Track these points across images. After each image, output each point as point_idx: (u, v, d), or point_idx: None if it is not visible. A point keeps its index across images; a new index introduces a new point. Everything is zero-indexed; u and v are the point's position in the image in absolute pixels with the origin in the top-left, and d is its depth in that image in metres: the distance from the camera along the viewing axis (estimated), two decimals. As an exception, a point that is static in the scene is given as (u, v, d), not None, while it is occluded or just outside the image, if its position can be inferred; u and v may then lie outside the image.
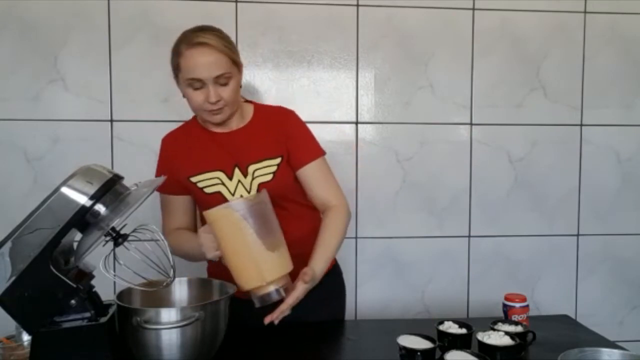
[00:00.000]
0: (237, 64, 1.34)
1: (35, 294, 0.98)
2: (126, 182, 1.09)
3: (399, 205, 2.02)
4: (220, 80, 1.29)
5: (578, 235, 2.11)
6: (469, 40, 2.00)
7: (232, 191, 1.36)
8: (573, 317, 1.78)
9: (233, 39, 1.87)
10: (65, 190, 0.99)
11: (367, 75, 1.98)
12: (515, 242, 2.09)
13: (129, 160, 1.87)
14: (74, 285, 1.00)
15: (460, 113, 2.02)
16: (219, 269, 1.29)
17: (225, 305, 1.13)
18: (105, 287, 1.14)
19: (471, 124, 2.03)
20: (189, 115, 1.88)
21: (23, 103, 1.83)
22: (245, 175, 1.37)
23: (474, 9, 1.99)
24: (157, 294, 1.16)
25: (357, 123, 1.99)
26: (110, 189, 1.02)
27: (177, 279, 1.16)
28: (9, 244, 0.97)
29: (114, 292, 1.13)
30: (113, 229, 1.01)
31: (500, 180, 2.06)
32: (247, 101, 1.48)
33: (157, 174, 1.45)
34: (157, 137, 1.87)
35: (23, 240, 0.97)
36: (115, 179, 1.04)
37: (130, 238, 1.06)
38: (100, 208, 1.01)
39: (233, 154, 1.39)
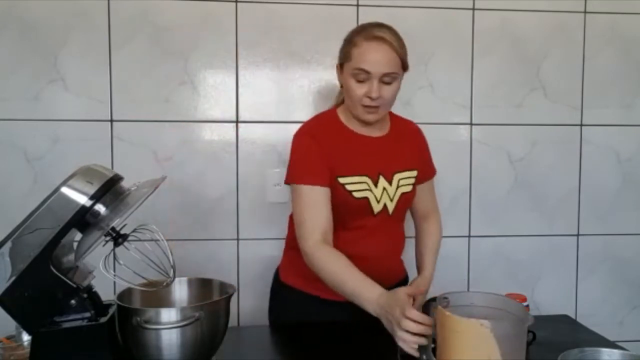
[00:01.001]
0: (404, 68, 1.37)
1: (35, 294, 0.99)
2: (126, 182, 1.09)
3: (399, 205, 2.02)
4: (386, 79, 1.30)
5: (578, 235, 2.11)
6: (469, 40, 2.00)
7: (378, 198, 1.37)
8: (573, 317, 1.78)
9: (233, 39, 1.89)
10: (65, 190, 0.99)
11: (367, 75, 1.97)
12: (515, 242, 2.09)
13: (129, 160, 1.87)
14: (74, 285, 1.01)
15: (460, 113, 2.02)
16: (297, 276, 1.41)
17: (226, 305, 1.13)
18: (105, 287, 1.14)
19: (471, 124, 2.03)
20: (189, 115, 1.90)
21: (23, 103, 1.83)
22: (390, 183, 1.38)
23: (474, 9, 1.99)
24: (157, 294, 1.16)
25: (357, 123, 1.99)
26: (110, 189, 1.02)
27: (177, 279, 1.17)
28: (9, 244, 0.97)
29: (114, 292, 1.13)
30: (113, 229, 1.01)
31: (500, 180, 2.06)
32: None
33: (305, 164, 1.33)
34: (157, 137, 1.89)
35: (23, 240, 0.97)
36: (115, 179, 1.04)
37: (130, 238, 1.06)
38: (100, 208, 1.01)
39: (378, 160, 1.39)
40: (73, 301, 1.01)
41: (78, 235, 1.05)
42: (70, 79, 1.84)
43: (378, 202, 1.37)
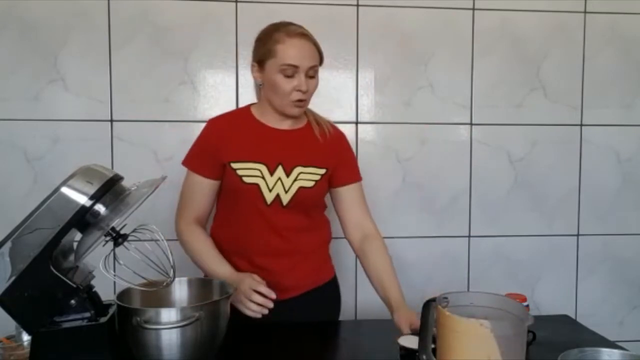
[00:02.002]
0: (322, 61, 1.43)
1: (35, 294, 0.98)
2: (126, 182, 1.09)
3: (398, 205, 2.02)
4: (310, 72, 1.37)
5: (578, 235, 2.11)
6: (469, 40, 2.00)
7: (271, 187, 1.37)
8: (573, 317, 1.78)
9: (233, 38, 1.89)
10: (65, 190, 0.99)
11: (367, 75, 1.97)
12: (515, 242, 2.09)
13: (129, 160, 1.87)
14: (74, 285, 1.00)
15: (460, 113, 2.02)
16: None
17: (225, 305, 1.13)
18: (105, 287, 1.14)
19: (471, 124, 2.03)
20: (189, 115, 1.90)
21: (23, 103, 1.83)
22: (287, 174, 1.39)
23: (474, 9, 1.99)
24: (157, 294, 1.16)
25: (357, 123, 1.99)
26: (110, 189, 1.02)
27: (177, 279, 1.16)
28: (9, 244, 0.97)
29: (114, 292, 1.13)
30: (113, 229, 1.01)
31: (500, 180, 2.06)
32: None
33: (194, 152, 1.44)
34: (157, 137, 1.89)
35: (23, 240, 0.97)
36: (115, 179, 1.04)
37: (130, 238, 1.06)
38: (100, 208, 1.01)
39: (280, 151, 1.40)
40: (73, 301, 1.01)
41: (78, 235, 1.05)
42: (70, 79, 1.84)
43: (270, 190, 1.37)
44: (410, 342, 1.15)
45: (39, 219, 0.98)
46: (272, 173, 1.38)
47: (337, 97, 1.97)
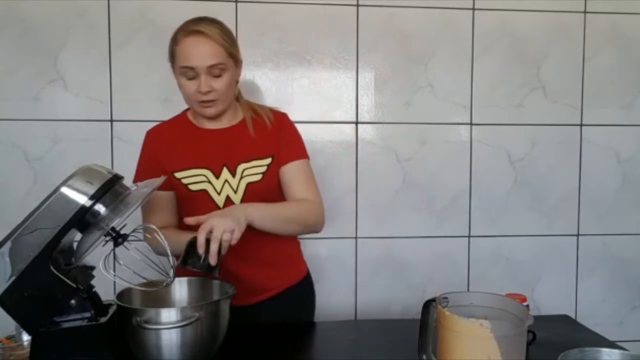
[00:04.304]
0: (233, 57, 1.32)
1: (35, 294, 0.98)
2: (126, 182, 1.09)
3: (399, 205, 2.02)
4: (214, 71, 1.28)
5: (578, 235, 2.11)
6: (469, 40, 2.00)
7: (219, 190, 1.34)
8: (573, 317, 1.78)
9: (233, 39, 1.89)
10: (65, 190, 0.99)
11: (367, 75, 1.98)
12: (515, 242, 2.09)
13: (129, 160, 1.85)
14: (74, 285, 1.00)
15: (460, 113, 2.02)
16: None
17: (225, 305, 1.13)
18: (105, 287, 1.14)
19: (471, 124, 2.03)
20: (189, 115, 1.89)
21: (23, 103, 1.83)
22: (233, 174, 1.35)
23: (474, 9, 1.99)
24: (157, 294, 1.16)
25: (357, 123, 1.99)
26: (110, 189, 1.02)
27: (177, 279, 1.16)
28: (9, 244, 0.97)
29: (114, 292, 1.13)
30: (113, 229, 1.01)
31: (500, 180, 2.06)
32: (238, 100, 1.46)
33: (139, 168, 1.41)
34: (157, 137, 1.89)
35: (23, 240, 0.97)
36: (115, 179, 1.04)
37: (130, 238, 1.06)
38: (100, 208, 1.01)
39: (222, 152, 1.36)
40: (73, 301, 1.01)
41: (78, 235, 1.05)
42: (70, 79, 1.84)
43: (219, 194, 1.34)
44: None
45: (39, 219, 0.98)
46: (217, 176, 1.34)
47: (337, 97, 1.97)
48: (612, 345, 1.22)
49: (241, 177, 1.35)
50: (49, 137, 1.85)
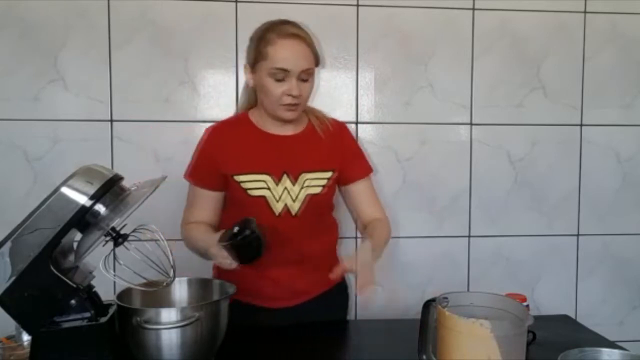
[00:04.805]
0: (317, 62, 1.35)
1: (35, 294, 0.98)
2: (126, 182, 1.09)
3: (399, 205, 2.02)
4: (303, 76, 1.29)
5: (578, 235, 2.11)
6: (469, 40, 2.00)
7: (278, 197, 1.33)
8: (573, 317, 1.78)
9: (233, 39, 1.89)
10: (65, 190, 0.99)
11: (367, 75, 1.98)
12: (515, 242, 2.09)
13: (129, 160, 1.87)
14: (74, 285, 1.00)
15: (460, 113, 2.02)
16: (226, 272, 1.28)
17: (225, 305, 1.13)
18: (105, 287, 1.14)
19: (471, 124, 2.03)
20: (189, 115, 1.90)
21: (23, 103, 1.83)
22: (294, 183, 1.34)
23: (474, 9, 1.99)
24: (157, 294, 1.16)
25: (357, 123, 1.99)
26: (110, 189, 1.02)
27: (177, 279, 1.16)
28: (9, 244, 0.97)
29: (114, 292, 1.13)
30: (113, 229, 1.01)
31: (500, 180, 2.06)
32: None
33: (196, 163, 1.40)
34: (157, 137, 1.89)
35: (23, 240, 0.97)
36: (115, 179, 1.04)
37: (130, 238, 1.06)
38: (100, 208, 1.01)
39: (285, 159, 1.35)
40: (73, 301, 1.01)
41: (78, 235, 1.05)
42: (70, 79, 1.84)
43: (278, 201, 1.33)
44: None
45: (39, 219, 0.98)
46: (278, 183, 1.33)
47: (337, 97, 1.97)
48: (612, 345, 1.23)
49: (302, 187, 1.35)
50: (49, 137, 1.85)
